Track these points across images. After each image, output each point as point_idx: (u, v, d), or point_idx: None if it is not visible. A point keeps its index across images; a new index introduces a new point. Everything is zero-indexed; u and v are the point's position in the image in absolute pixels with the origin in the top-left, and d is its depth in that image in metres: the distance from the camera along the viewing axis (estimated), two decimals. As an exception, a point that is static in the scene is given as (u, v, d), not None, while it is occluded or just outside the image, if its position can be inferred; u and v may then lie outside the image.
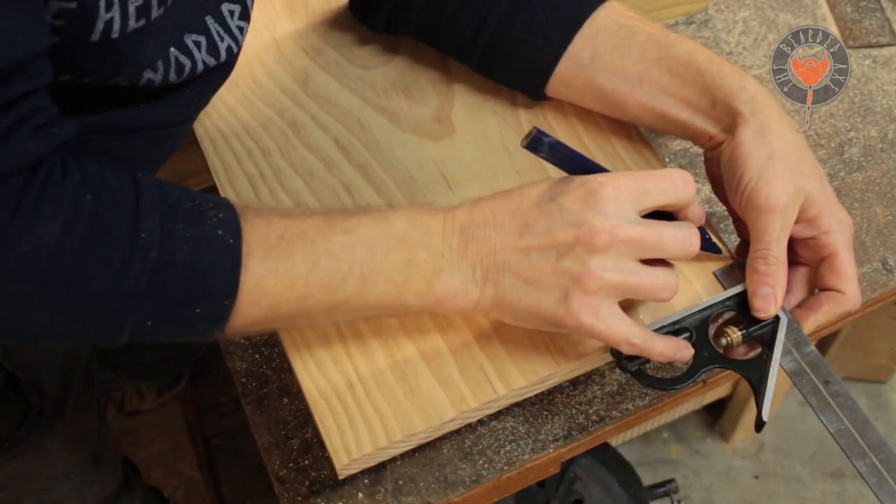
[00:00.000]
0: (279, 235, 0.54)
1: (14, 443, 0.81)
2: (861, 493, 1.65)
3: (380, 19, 0.78)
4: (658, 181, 0.58)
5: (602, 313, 0.57)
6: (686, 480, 1.64)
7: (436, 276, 0.58)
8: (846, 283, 0.63)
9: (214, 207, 0.53)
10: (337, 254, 0.56)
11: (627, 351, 0.59)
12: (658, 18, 0.98)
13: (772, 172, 0.63)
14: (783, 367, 0.63)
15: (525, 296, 0.58)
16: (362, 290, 0.57)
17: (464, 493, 0.70)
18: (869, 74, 0.96)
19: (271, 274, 0.54)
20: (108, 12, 0.50)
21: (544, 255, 0.57)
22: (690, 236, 0.58)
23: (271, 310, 0.55)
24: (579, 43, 0.70)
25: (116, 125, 0.60)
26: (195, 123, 0.77)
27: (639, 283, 0.57)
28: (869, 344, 1.64)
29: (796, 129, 0.65)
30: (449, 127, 0.77)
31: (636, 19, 0.70)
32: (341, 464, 0.60)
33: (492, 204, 0.59)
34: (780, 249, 0.63)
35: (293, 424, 0.76)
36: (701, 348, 0.62)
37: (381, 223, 0.58)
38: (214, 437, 1.60)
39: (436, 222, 0.59)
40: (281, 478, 0.73)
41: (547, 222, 0.57)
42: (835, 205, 0.64)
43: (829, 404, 0.61)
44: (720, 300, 0.64)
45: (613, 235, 0.56)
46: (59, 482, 0.95)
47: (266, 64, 0.81)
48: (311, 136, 0.76)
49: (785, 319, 0.63)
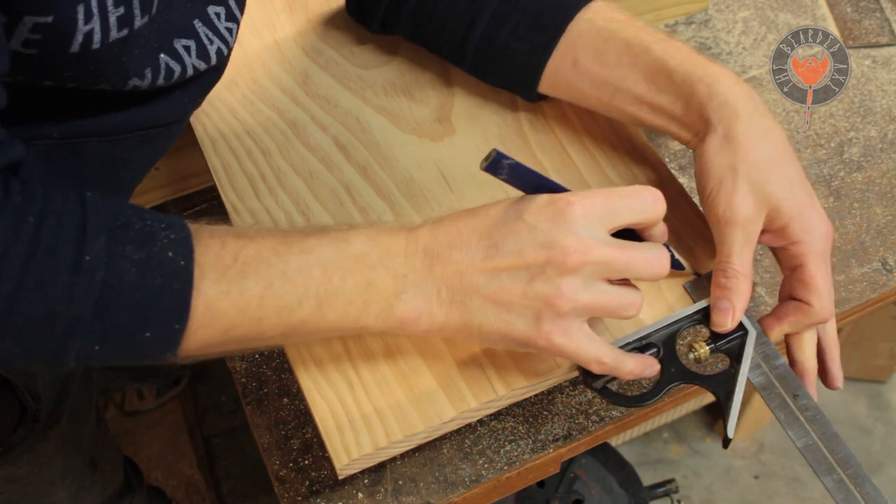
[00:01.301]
0: (233, 257, 0.53)
1: (8, 448, 0.81)
2: (861, 492, 1.65)
3: (374, 20, 0.78)
4: (628, 199, 0.57)
5: (573, 333, 0.56)
6: (686, 480, 1.64)
7: (397, 297, 0.56)
8: (813, 296, 0.61)
9: (167, 228, 0.52)
10: (292, 275, 0.54)
11: (598, 370, 0.58)
12: (658, 18, 0.98)
13: (732, 183, 0.61)
14: (752, 381, 0.61)
15: (495, 318, 0.56)
16: (319, 312, 0.55)
17: (464, 493, 0.70)
18: (869, 74, 0.96)
19: (224, 296, 0.52)
20: (88, 24, 0.49)
21: (514, 277, 0.55)
22: (660, 258, 0.57)
23: (224, 333, 0.53)
24: (562, 47, 0.69)
25: (104, 127, 0.60)
26: (195, 123, 0.77)
27: (608, 303, 0.56)
28: (869, 344, 1.64)
29: (775, 134, 0.62)
30: (449, 127, 0.77)
31: (617, 21, 0.69)
32: (341, 464, 0.60)
33: (457, 224, 0.57)
34: (742, 262, 0.61)
35: (293, 424, 0.76)
36: (668, 364, 0.61)
37: (339, 243, 0.56)
38: (214, 437, 1.60)
39: (398, 242, 0.57)
40: (281, 478, 0.73)
41: (516, 243, 0.55)
42: (809, 214, 0.61)
43: (798, 418, 0.60)
44: (687, 314, 0.63)
45: (585, 256, 0.54)
46: (55, 486, 0.95)
47: (266, 64, 0.81)
48: (311, 136, 0.76)
49: (753, 332, 0.62)
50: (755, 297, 0.82)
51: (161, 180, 0.94)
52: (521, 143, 0.75)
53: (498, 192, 0.72)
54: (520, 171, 0.56)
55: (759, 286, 0.83)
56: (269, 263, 0.54)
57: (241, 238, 0.54)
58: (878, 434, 1.72)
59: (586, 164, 0.74)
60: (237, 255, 0.53)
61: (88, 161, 0.61)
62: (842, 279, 0.83)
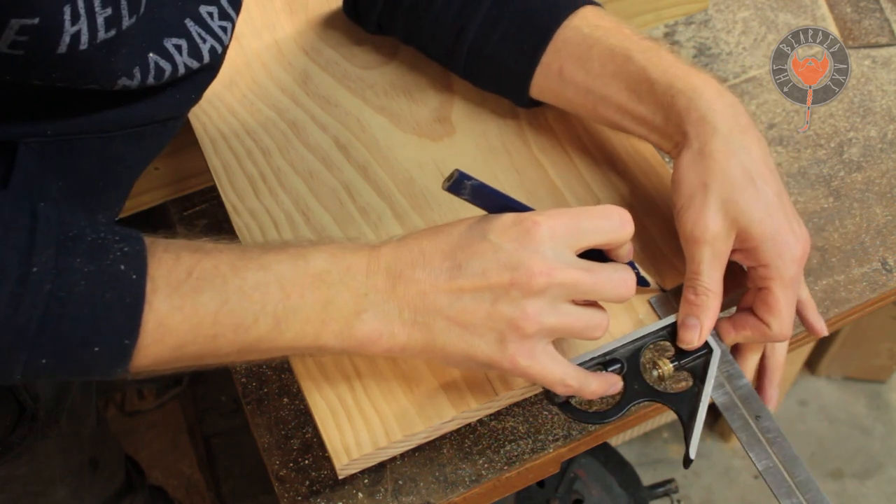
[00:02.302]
0: (187, 271, 0.52)
1: (7, 447, 0.81)
2: (860, 493, 1.65)
3: (371, 21, 0.79)
4: (595, 219, 0.56)
5: (537, 355, 0.55)
6: (685, 480, 1.64)
7: (357, 317, 0.55)
8: (773, 318, 0.60)
9: (121, 241, 0.51)
10: (249, 292, 0.53)
11: (563, 392, 0.58)
12: (658, 19, 0.99)
13: (702, 200, 0.60)
14: (714, 400, 0.61)
15: (458, 340, 0.55)
16: (276, 330, 0.54)
17: (464, 493, 0.70)
18: (868, 74, 0.96)
19: (176, 312, 0.51)
20: (75, 25, 0.49)
21: (478, 298, 0.54)
22: (626, 280, 0.56)
23: (177, 349, 0.52)
24: (549, 55, 0.69)
25: (97, 124, 0.59)
26: (195, 123, 0.77)
27: (573, 325, 0.56)
28: (869, 344, 1.64)
29: (754, 152, 0.61)
30: (449, 127, 0.77)
31: (602, 29, 0.68)
32: (341, 464, 0.60)
33: (421, 242, 0.56)
34: (711, 280, 0.60)
35: (293, 424, 0.76)
36: (631, 381, 0.61)
37: (298, 260, 0.55)
38: (214, 437, 1.60)
39: (359, 261, 0.56)
40: (281, 478, 0.73)
41: (480, 263, 0.54)
42: (782, 236, 0.59)
43: (759, 440, 0.59)
44: (652, 331, 0.62)
45: (550, 278, 0.54)
46: (54, 486, 0.95)
47: (266, 64, 0.81)
48: (311, 136, 0.76)
49: (718, 351, 0.62)
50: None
51: (161, 180, 0.94)
52: (520, 143, 0.75)
53: (498, 192, 0.72)
54: (483, 192, 0.55)
55: (759, 286, 0.83)
56: (226, 279, 0.52)
57: (197, 252, 0.53)
58: (878, 434, 1.72)
59: (586, 165, 0.74)
60: (192, 270, 0.52)
61: (83, 158, 0.61)
62: (842, 279, 0.83)
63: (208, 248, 0.54)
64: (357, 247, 0.57)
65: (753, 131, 0.62)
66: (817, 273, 0.83)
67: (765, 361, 0.65)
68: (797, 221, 0.61)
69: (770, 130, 0.93)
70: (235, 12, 0.63)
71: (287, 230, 0.70)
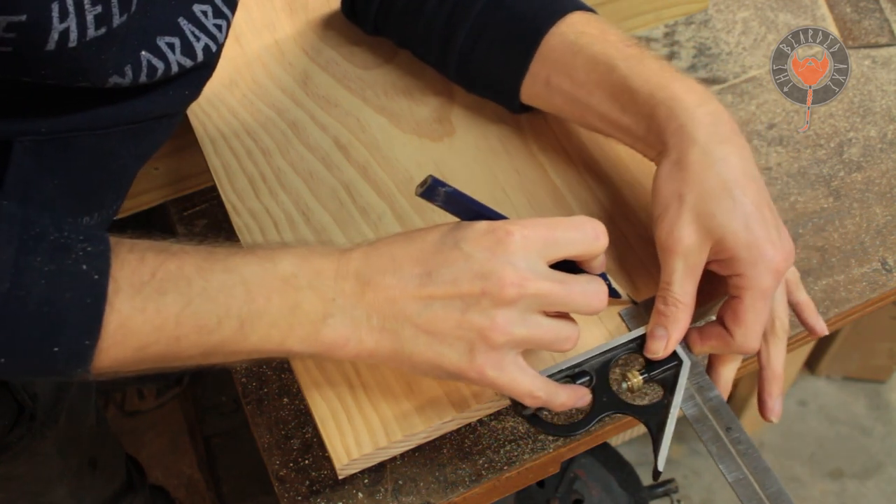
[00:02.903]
0: (151, 272, 0.51)
1: (5, 447, 0.81)
2: (860, 493, 1.65)
3: (367, 22, 0.79)
4: (569, 230, 0.55)
5: (506, 366, 0.55)
6: (686, 480, 1.64)
7: (324, 322, 0.54)
8: (738, 329, 0.59)
9: (85, 240, 0.50)
10: (214, 294, 0.52)
11: (531, 404, 0.57)
12: (658, 19, 0.99)
13: (677, 211, 0.59)
14: (685, 412, 0.60)
15: (427, 348, 0.55)
16: (241, 333, 0.53)
17: (464, 492, 0.71)
18: (868, 75, 0.96)
19: (138, 313, 0.50)
20: (63, 22, 0.48)
21: (448, 307, 0.54)
22: (598, 292, 0.56)
23: (139, 350, 0.51)
24: (537, 63, 0.68)
25: (92, 121, 0.59)
26: (195, 123, 0.77)
27: (543, 336, 0.55)
28: (868, 344, 1.64)
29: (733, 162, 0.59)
30: (449, 127, 0.77)
31: (587, 36, 0.67)
32: (341, 464, 0.60)
33: (391, 248, 0.56)
34: (683, 291, 0.59)
35: (293, 424, 0.76)
36: (601, 393, 0.60)
37: (265, 263, 0.54)
38: (214, 437, 1.60)
39: (328, 265, 0.55)
40: (281, 478, 0.73)
41: (451, 271, 0.54)
42: (759, 248, 0.58)
43: (730, 452, 0.58)
44: (622, 342, 0.62)
45: (522, 289, 0.53)
46: (53, 485, 0.95)
47: (266, 64, 0.81)
48: (311, 136, 0.76)
49: (688, 363, 0.61)
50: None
51: (161, 180, 0.94)
52: (520, 143, 0.75)
53: (497, 192, 0.72)
54: (457, 199, 0.54)
55: (759, 286, 0.83)
56: (190, 280, 0.52)
57: (162, 253, 0.52)
58: (878, 434, 1.72)
59: (587, 165, 0.74)
60: (156, 271, 0.51)
61: (78, 156, 0.61)
62: (842, 279, 0.83)
63: (174, 250, 0.53)
64: (327, 251, 0.56)
65: (736, 140, 0.61)
66: (817, 273, 0.83)
67: (762, 372, 0.64)
68: (778, 232, 0.59)
69: (770, 130, 0.93)
70: (231, 11, 0.63)
71: (287, 230, 0.70)
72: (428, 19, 0.73)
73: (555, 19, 0.68)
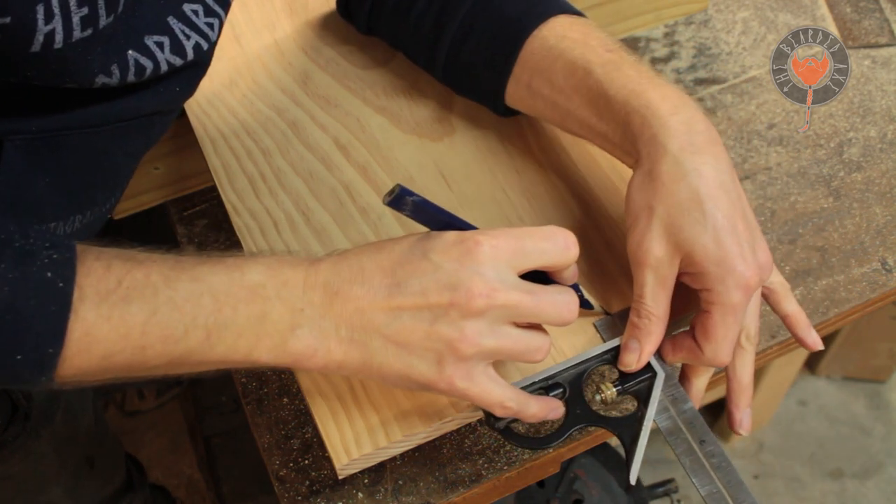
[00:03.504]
0: (117, 280, 0.50)
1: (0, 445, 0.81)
2: (860, 493, 1.65)
3: (361, 22, 0.79)
4: (539, 241, 0.55)
5: (476, 377, 0.54)
6: (685, 480, 1.64)
7: (292, 333, 0.54)
8: (707, 343, 0.59)
9: (51, 248, 0.49)
10: (180, 303, 0.51)
11: (502, 414, 0.57)
12: (658, 19, 0.99)
13: (647, 223, 0.58)
14: (658, 425, 0.60)
15: (395, 359, 0.54)
16: (207, 343, 0.52)
17: (464, 492, 0.71)
18: (868, 75, 0.96)
19: (104, 322, 0.49)
20: (49, 24, 0.48)
21: (417, 317, 0.53)
22: (569, 303, 0.55)
23: (104, 359, 0.51)
24: (519, 67, 0.68)
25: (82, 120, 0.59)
26: (195, 123, 0.77)
27: (513, 347, 0.54)
28: (868, 344, 1.64)
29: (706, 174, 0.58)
30: (449, 127, 0.77)
31: (568, 40, 0.66)
32: (341, 464, 0.60)
33: (360, 258, 0.55)
34: (655, 304, 0.59)
35: (293, 424, 0.76)
36: (574, 405, 0.60)
37: (233, 272, 0.53)
38: (214, 437, 1.60)
39: (297, 275, 0.54)
40: (281, 478, 0.73)
41: (420, 282, 0.53)
42: (727, 261, 0.57)
43: (703, 465, 0.58)
44: (595, 354, 0.61)
45: (490, 300, 0.52)
46: (49, 485, 0.95)
47: (266, 64, 0.81)
48: (311, 136, 0.76)
49: (662, 375, 0.60)
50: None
51: (161, 180, 0.94)
52: (521, 143, 0.75)
53: (497, 192, 0.72)
54: (425, 208, 0.54)
55: (759, 286, 0.83)
56: (157, 289, 0.51)
57: (129, 262, 0.51)
58: (878, 434, 1.72)
59: (587, 166, 0.74)
60: (122, 280, 0.50)
61: (69, 155, 0.61)
62: (842, 279, 0.83)
63: (141, 258, 0.52)
64: (296, 261, 0.55)
65: (711, 150, 0.59)
66: (817, 273, 0.83)
67: (729, 383, 0.64)
68: (752, 246, 0.58)
69: (770, 130, 0.93)
70: (223, 9, 0.63)
71: (287, 230, 0.70)
72: (416, 21, 0.73)
73: (537, 23, 0.67)
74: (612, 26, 0.98)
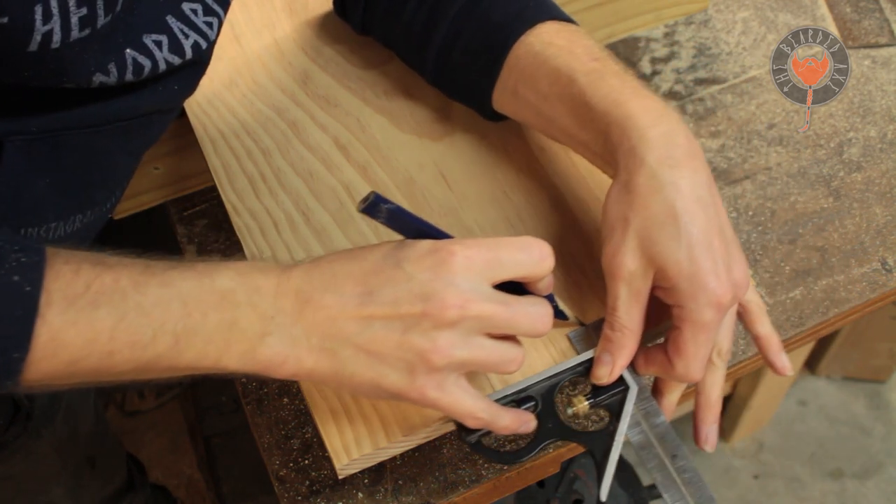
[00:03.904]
0: (86, 285, 0.49)
1: (1, 446, 0.81)
2: (860, 493, 1.65)
3: (356, 22, 0.79)
4: (514, 252, 0.54)
5: (447, 387, 0.54)
6: (686, 480, 1.64)
7: (262, 340, 0.53)
8: (678, 359, 0.58)
9: (20, 251, 0.48)
10: (149, 309, 0.50)
11: (472, 425, 0.56)
12: (658, 19, 0.99)
13: (621, 236, 0.58)
14: (630, 439, 0.59)
15: (367, 368, 0.54)
16: (175, 349, 0.51)
17: (464, 492, 0.71)
18: (868, 75, 0.96)
19: (71, 326, 0.49)
20: (46, 24, 0.48)
21: (388, 327, 0.53)
22: (543, 315, 0.55)
23: (71, 364, 0.50)
24: (505, 72, 0.68)
25: (82, 119, 0.59)
26: (195, 123, 0.77)
27: (486, 358, 0.54)
28: (868, 344, 1.64)
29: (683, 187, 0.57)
30: (449, 127, 0.77)
31: (554, 47, 0.65)
32: (341, 463, 0.60)
33: (333, 266, 0.54)
34: (628, 317, 0.58)
35: (293, 424, 0.76)
36: (546, 418, 0.59)
37: (204, 278, 0.52)
38: (214, 437, 1.60)
39: (268, 282, 0.54)
40: (281, 477, 0.73)
41: (392, 292, 0.52)
42: (699, 278, 0.56)
43: (674, 481, 0.57)
44: (569, 367, 0.61)
45: (463, 311, 0.52)
46: (50, 484, 0.95)
47: (266, 64, 0.81)
48: (311, 136, 0.76)
49: (635, 388, 0.60)
50: (755, 297, 0.82)
51: (161, 180, 0.94)
52: (520, 143, 0.75)
53: (497, 192, 0.72)
54: (399, 216, 0.53)
55: (759, 286, 0.83)
56: (125, 294, 0.50)
57: (98, 266, 0.51)
58: (878, 434, 1.72)
59: (587, 165, 0.74)
60: (91, 284, 0.50)
61: (69, 154, 0.61)
62: (842, 279, 0.83)
63: (111, 262, 0.51)
64: (269, 267, 0.55)
65: (690, 163, 0.58)
66: (817, 273, 0.83)
67: (697, 398, 0.63)
68: (726, 263, 0.57)
69: (770, 130, 0.93)
70: (222, 8, 0.63)
71: (287, 230, 0.70)
72: (406, 23, 0.72)
73: (525, 28, 0.67)
74: (612, 26, 0.98)
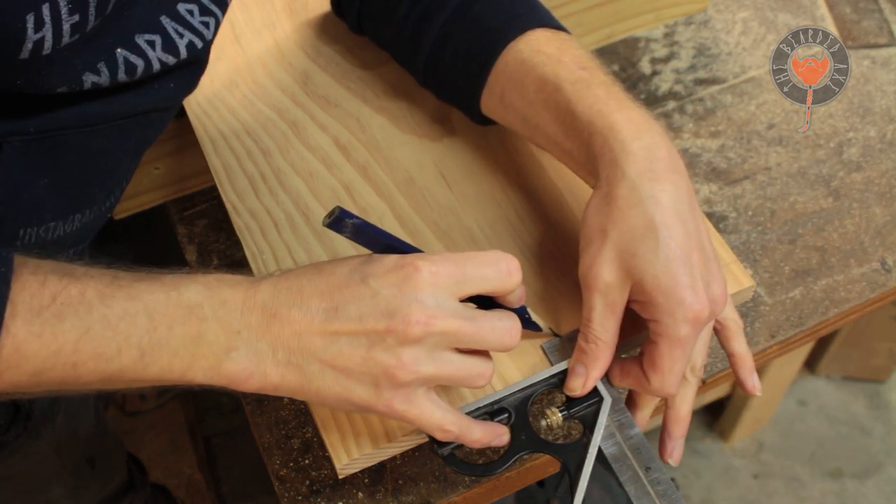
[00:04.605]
0: (52, 296, 0.49)
1: (1, 446, 0.81)
2: (860, 493, 1.65)
3: (352, 21, 0.79)
4: (481, 266, 0.54)
5: (415, 400, 0.54)
6: (685, 480, 1.64)
7: (227, 355, 0.53)
8: (653, 374, 0.57)
9: None
10: (115, 321, 0.50)
11: (442, 438, 0.56)
12: (658, 19, 0.99)
13: (599, 247, 0.57)
14: (604, 451, 0.59)
15: (334, 383, 0.53)
16: (141, 363, 0.51)
17: (464, 492, 0.71)
18: (868, 75, 0.96)
19: (35, 338, 0.49)
20: (38, 32, 0.48)
21: (354, 343, 0.52)
22: (510, 329, 0.54)
23: (35, 376, 0.50)
24: (493, 77, 0.67)
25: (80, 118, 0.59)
26: (195, 123, 0.77)
27: (453, 373, 0.54)
28: (868, 343, 1.64)
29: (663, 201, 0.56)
30: (449, 127, 0.77)
31: (542, 55, 0.65)
32: (341, 463, 0.60)
33: (300, 280, 0.54)
34: (603, 329, 0.58)
35: (293, 424, 0.76)
36: (519, 431, 0.58)
37: (171, 291, 0.52)
38: (214, 437, 1.60)
39: (235, 296, 0.53)
40: (281, 477, 0.73)
41: (357, 308, 0.52)
42: (676, 293, 0.55)
43: (648, 493, 0.57)
44: (542, 378, 0.60)
45: (428, 327, 0.52)
46: (49, 484, 0.95)
47: (266, 64, 0.81)
48: (311, 136, 0.76)
49: (608, 400, 0.59)
50: (755, 297, 0.83)
51: (161, 180, 0.94)
52: (520, 144, 0.75)
53: (497, 192, 0.72)
54: (365, 231, 0.53)
55: (759, 286, 0.83)
56: (91, 306, 0.50)
57: (65, 277, 0.50)
58: (878, 434, 1.72)
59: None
60: (57, 296, 0.50)
61: (67, 154, 0.61)
62: (841, 279, 0.83)
63: (78, 274, 0.51)
64: (237, 280, 0.54)
65: (670, 177, 0.57)
66: (817, 273, 0.83)
67: (667, 412, 0.62)
68: (704, 279, 0.56)
69: (770, 130, 0.93)
70: (220, 9, 0.63)
71: (287, 230, 0.70)
72: (399, 24, 0.72)
73: (514, 35, 0.66)
74: (612, 26, 0.98)
